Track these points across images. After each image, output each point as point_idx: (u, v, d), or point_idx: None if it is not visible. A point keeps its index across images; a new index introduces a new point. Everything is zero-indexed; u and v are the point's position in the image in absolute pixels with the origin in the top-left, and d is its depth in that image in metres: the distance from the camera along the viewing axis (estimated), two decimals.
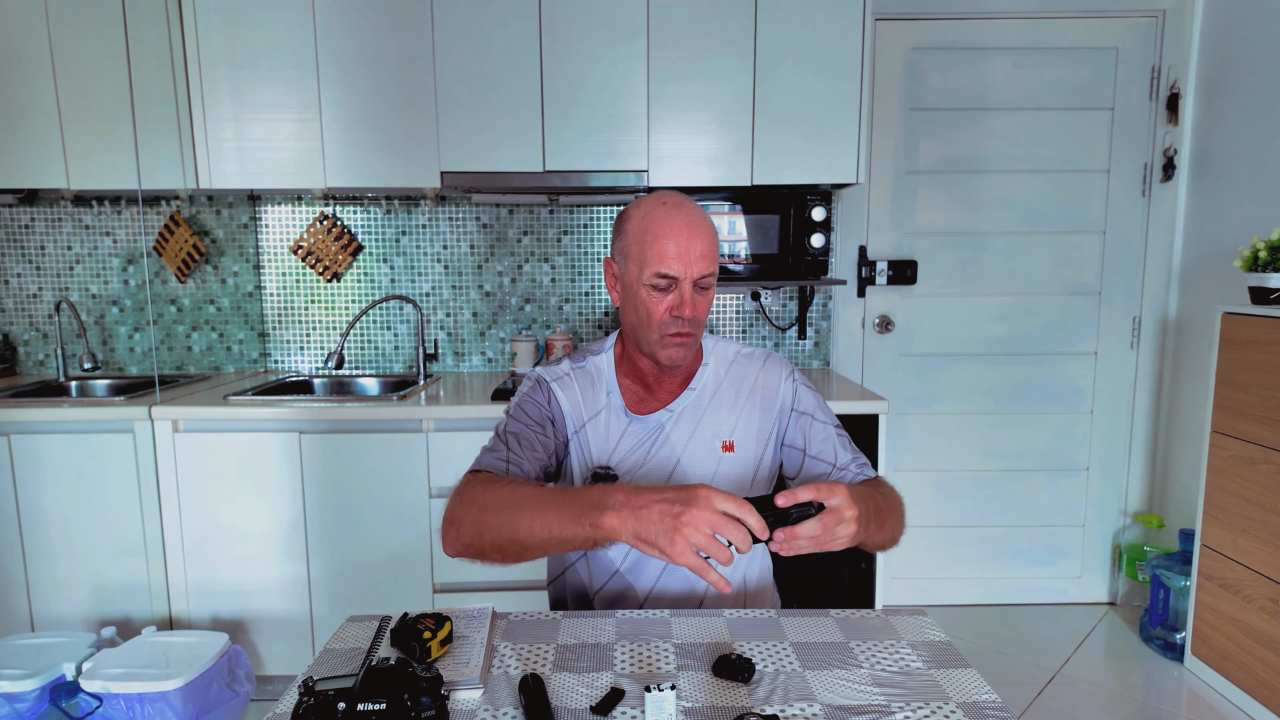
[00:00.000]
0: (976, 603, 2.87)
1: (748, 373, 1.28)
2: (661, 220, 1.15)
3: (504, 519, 1.00)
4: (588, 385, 1.26)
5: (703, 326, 1.20)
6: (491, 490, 1.06)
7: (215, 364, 2.72)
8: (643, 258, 1.15)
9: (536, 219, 2.67)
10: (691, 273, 1.14)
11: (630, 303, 1.20)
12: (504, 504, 1.01)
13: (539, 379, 1.27)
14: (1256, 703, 2.11)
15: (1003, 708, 0.89)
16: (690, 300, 1.15)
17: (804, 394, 1.29)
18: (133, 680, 1.76)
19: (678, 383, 1.27)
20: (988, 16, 2.62)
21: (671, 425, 1.24)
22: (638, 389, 1.27)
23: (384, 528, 2.16)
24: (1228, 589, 2.21)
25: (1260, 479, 2.10)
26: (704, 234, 1.15)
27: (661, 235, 1.14)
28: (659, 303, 1.16)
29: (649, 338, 1.19)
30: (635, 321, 1.20)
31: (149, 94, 2.31)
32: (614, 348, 1.30)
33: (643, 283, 1.16)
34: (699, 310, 1.17)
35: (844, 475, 1.25)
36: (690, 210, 1.17)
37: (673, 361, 1.19)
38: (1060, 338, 2.78)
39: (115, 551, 2.17)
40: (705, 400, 1.26)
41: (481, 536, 1.02)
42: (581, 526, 0.92)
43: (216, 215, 2.64)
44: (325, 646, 1.05)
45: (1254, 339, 2.11)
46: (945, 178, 2.71)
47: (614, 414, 1.25)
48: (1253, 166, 2.40)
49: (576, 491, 0.97)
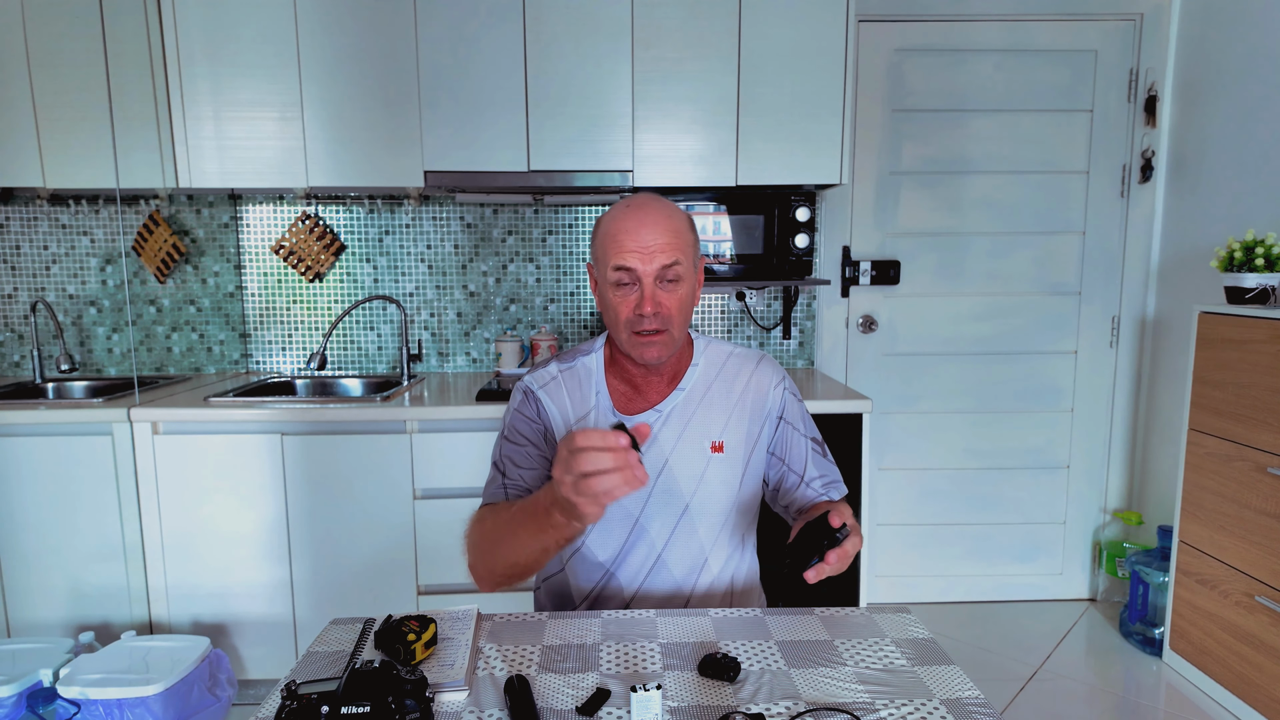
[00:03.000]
0: (959, 600, 2.89)
1: (740, 374, 1.28)
2: (620, 218, 1.15)
3: (498, 552, 1.08)
4: (575, 387, 1.26)
5: (677, 323, 1.17)
6: (480, 529, 1.14)
7: (196, 365, 2.69)
8: (605, 256, 1.16)
9: (521, 219, 2.66)
10: (650, 267, 1.13)
11: (602, 304, 1.20)
12: (492, 539, 1.10)
13: (526, 390, 1.27)
14: (1233, 696, 2.14)
15: (985, 704, 0.90)
16: (651, 296, 1.13)
17: (791, 403, 1.29)
18: (111, 686, 1.74)
19: (666, 382, 1.26)
20: (969, 19, 2.64)
21: (660, 426, 1.24)
22: (626, 389, 1.27)
23: (368, 530, 2.15)
24: (1205, 584, 2.24)
25: (1236, 476, 2.13)
26: (663, 228, 1.14)
27: (618, 232, 1.14)
28: (623, 300, 1.16)
29: (620, 337, 1.19)
30: (609, 322, 1.20)
31: (127, 91, 2.28)
32: (604, 348, 1.30)
33: (608, 281, 1.16)
34: (664, 306, 1.15)
35: (806, 490, 1.27)
36: (652, 206, 1.16)
37: (647, 361, 1.18)
38: (1041, 337, 2.81)
39: (93, 555, 2.14)
40: (695, 400, 1.26)
41: (495, 571, 1.11)
42: (545, 531, 0.99)
43: (197, 214, 2.61)
44: (308, 650, 1.04)
45: (1230, 338, 2.15)
46: (928, 178, 2.73)
47: (602, 414, 1.24)
48: (1228, 168, 2.44)
49: (528, 505, 1.03)
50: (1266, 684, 2.04)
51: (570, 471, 0.87)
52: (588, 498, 0.87)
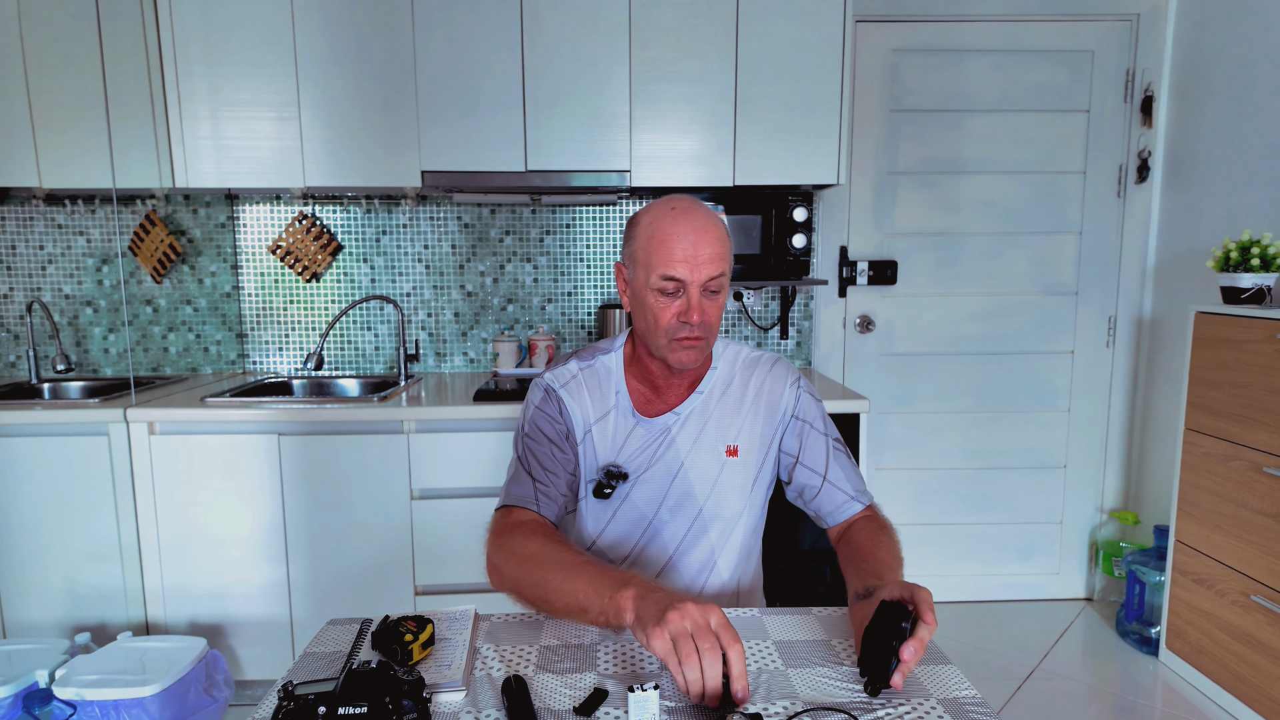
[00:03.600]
0: (956, 599, 2.90)
1: (754, 377, 1.28)
2: (668, 224, 1.13)
3: (539, 578, 1.04)
4: (595, 386, 1.26)
5: (714, 331, 1.18)
6: (529, 544, 1.08)
7: (192, 365, 2.69)
8: (649, 262, 1.14)
9: (519, 219, 2.66)
10: (698, 277, 1.12)
11: (639, 308, 1.19)
12: (539, 563, 1.05)
13: (548, 389, 1.25)
14: (1229, 695, 2.15)
15: (982, 703, 0.90)
16: (698, 305, 1.13)
17: (806, 401, 1.28)
18: (108, 687, 1.73)
19: (685, 385, 1.26)
20: (967, 19, 2.64)
21: (678, 428, 1.23)
22: (646, 390, 1.26)
23: (365, 530, 2.14)
24: (1201, 584, 2.25)
25: (1232, 475, 2.13)
26: (712, 238, 1.13)
27: (668, 239, 1.12)
28: (666, 307, 1.14)
29: (658, 342, 1.18)
30: (644, 326, 1.19)
31: (123, 91, 2.27)
32: (624, 348, 1.29)
33: (650, 287, 1.14)
34: (708, 315, 1.15)
35: (834, 490, 1.24)
36: (699, 214, 1.15)
37: (683, 365, 1.18)
38: (1038, 337, 2.82)
39: (89, 556, 2.13)
40: (712, 404, 1.25)
41: (520, 588, 1.07)
42: (602, 599, 0.94)
43: (193, 214, 2.61)
44: (305, 650, 1.04)
45: (1226, 338, 2.15)
46: (925, 179, 2.73)
47: (621, 415, 1.24)
48: (1224, 168, 2.45)
49: (605, 568, 1.00)
50: (1263, 682, 2.05)
51: (672, 649, 0.84)
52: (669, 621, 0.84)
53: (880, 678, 0.89)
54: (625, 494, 1.23)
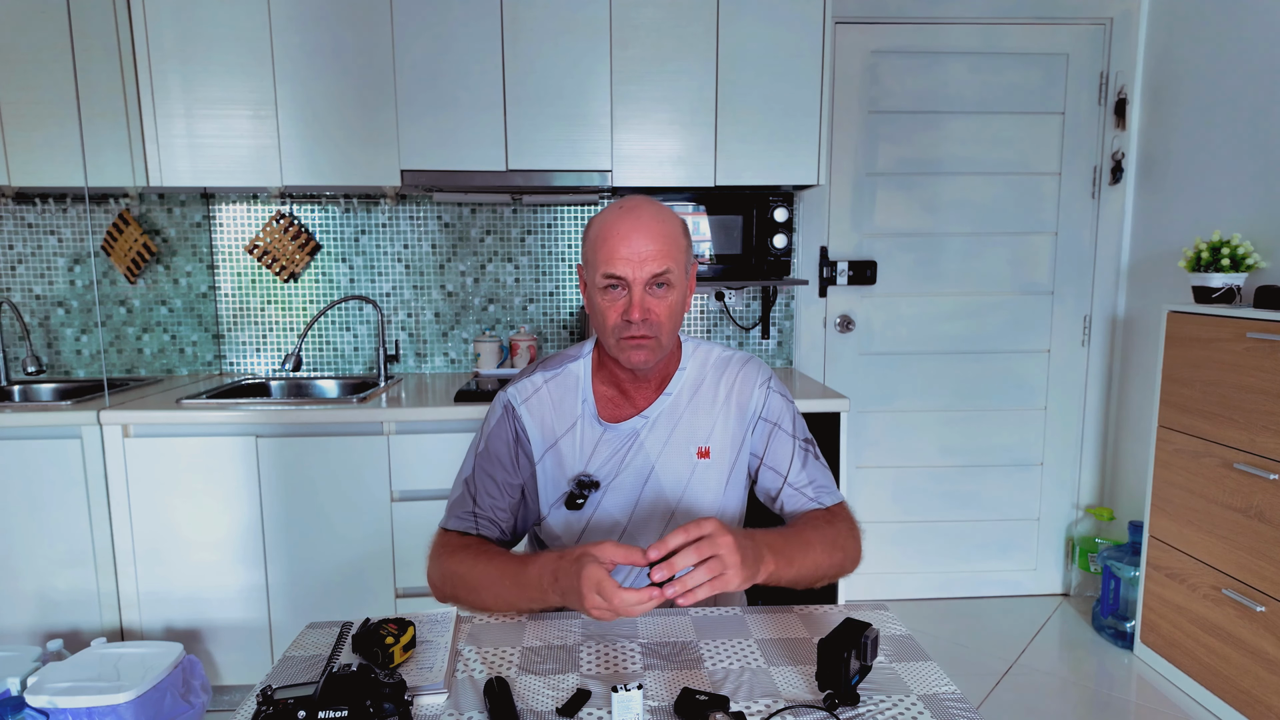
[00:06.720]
0: (936, 596, 2.93)
1: (725, 377, 1.27)
2: (612, 223, 1.13)
3: (472, 594, 1.12)
4: (561, 397, 1.24)
5: (666, 329, 1.15)
6: (455, 561, 1.14)
7: (168, 367, 2.65)
8: (595, 261, 1.13)
9: (500, 218, 2.65)
10: (640, 275, 1.11)
11: (590, 308, 1.19)
12: (470, 585, 1.12)
13: (506, 406, 1.24)
14: (1202, 687, 2.19)
15: (962, 699, 0.91)
16: (640, 303, 1.11)
17: (775, 402, 1.27)
18: (81, 694, 1.70)
19: (653, 388, 1.24)
20: (944, 22, 2.67)
21: (646, 431, 1.23)
22: (613, 394, 1.25)
23: (345, 532, 2.12)
24: (1174, 578, 2.29)
25: (1204, 472, 2.17)
26: (655, 234, 1.12)
27: (610, 238, 1.12)
28: (611, 306, 1.14)
29: (608, 342, 1.17)
30: (596, 326, 1.19)
31: (95, 88, 2.23)
32: (592, 353, 1.28)
33: (596, 286, 1.14)
34: (654, 313, 1.13)
35: (795, 494, 1.24)
36: (645, 211, 1.14)
37: (634, 365, 1.16)
38: (1014, 336, 2.85)
39: (62, 561, 2.09)
40: (681, 405, 1.24)
41: (459, 600, 1.14)
42: (535, 601, 1.04)
43: (168, 214, 2.57)
44: (284, 654, 1.03)
45: (1197, 336, 2.19)
46: (903, 179, 2.76)
47: (588, 423, 1.23)
48: (1196, 170, 2.49)
49: (522, 563, 1.06)
50: (1234, 675, 2.09)
51: (591, 601, 0.90)
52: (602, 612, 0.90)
53: (843, 694, 0.89)
54: (598, 502, 1.22)
